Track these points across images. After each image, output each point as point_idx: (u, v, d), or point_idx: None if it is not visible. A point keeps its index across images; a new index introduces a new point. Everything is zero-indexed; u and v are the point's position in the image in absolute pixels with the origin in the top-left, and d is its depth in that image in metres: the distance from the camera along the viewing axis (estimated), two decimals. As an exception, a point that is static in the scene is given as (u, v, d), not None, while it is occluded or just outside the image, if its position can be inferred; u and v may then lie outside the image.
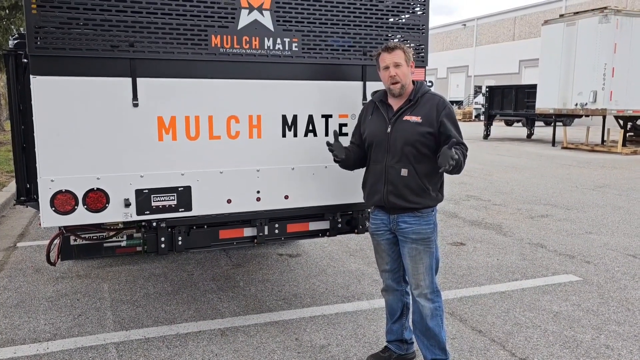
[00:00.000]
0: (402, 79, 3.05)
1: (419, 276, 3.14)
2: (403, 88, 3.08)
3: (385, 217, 3.20)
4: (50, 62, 3.06)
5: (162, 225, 3.49)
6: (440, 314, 3.20)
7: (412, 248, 3.12)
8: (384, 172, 3.11)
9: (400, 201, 3.08)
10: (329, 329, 3.98)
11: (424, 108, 3.06)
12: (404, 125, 3.06)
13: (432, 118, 3.03)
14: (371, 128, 3.21)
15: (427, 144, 3.04)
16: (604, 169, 13.08)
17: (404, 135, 3.04)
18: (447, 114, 3.05)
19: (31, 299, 4.53)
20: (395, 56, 3.05)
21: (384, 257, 3.32)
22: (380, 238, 3.27)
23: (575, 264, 5.57)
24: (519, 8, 43.29)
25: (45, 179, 3.15)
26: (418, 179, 3.05)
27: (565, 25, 17.43)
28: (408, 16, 3.91)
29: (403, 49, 3.07)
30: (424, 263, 3.12)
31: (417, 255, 3.12)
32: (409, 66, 3.08)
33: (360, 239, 6.35)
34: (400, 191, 3.07)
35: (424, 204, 3.09)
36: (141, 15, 3.20)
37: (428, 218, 3.12)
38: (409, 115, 3.07)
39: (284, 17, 3.53)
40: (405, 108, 3.09)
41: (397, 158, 3.07)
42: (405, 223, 3.11)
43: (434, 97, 3.11)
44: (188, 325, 4.02)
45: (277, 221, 3.86)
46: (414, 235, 3.10)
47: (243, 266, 5.43)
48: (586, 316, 4.24)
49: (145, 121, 3.31)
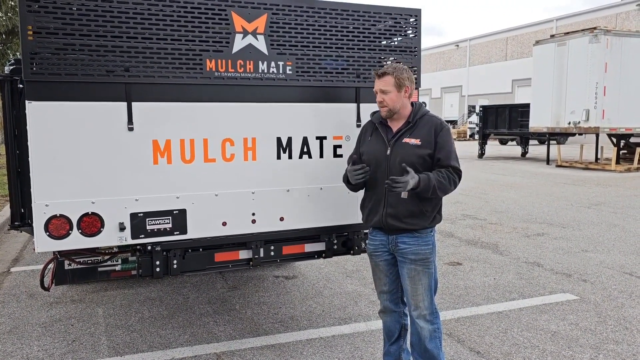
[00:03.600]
0: (389, 104, 3.09)
1: (418, 297, 3.13)
2: (390, 112, 3.11)
3: (384, 237, 3.20)
4: (46, 87, 3.08)
5: (157, 248, 3.47)
6: (439, 335, 3.19)
7: (411, 269, 3.12)
8: (384, 195, 3.11)
9: (398, 223, 3.09)
10: (326, 351, 3.94)
11: (423, 130, 3.08)
12: (404, 148, 3.07)
13: (430, 140, 3.05)
14: (370, 149, 3.21)
15: (427, 166, 3.06)
16: (598, 187, 13.14)
17: (403, 158, 3.04)
18: (444, 136, 3.08)
19: (25, 324, 4.48)
20: (382, 82, 3.09)
21: (382, 278, 3.30)
22: (379, 259, 3.26)
23: (572, 283, 5.56)
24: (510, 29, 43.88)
25: (40, 204, 3.14)
26: (418, 201, 3.05)
27: (556, 45, 17.67)
28: (400, 39, 3.96)
29: (394, 74, 3.07)
30: (423, 284, 3.12)
31: (415, 275, 3.11)
32: (400, 91, 3.08)
33: (356, 260, 6.33)
34: (399, 213, 3.08)
35: (421, 225, 3.09)
36: (136, 40, 3.23)
37: (427, 238, 3.12)
38: (408, 138, 3.08)
39: (278, 41, 3.58)
40: (404, 130, 3.11)
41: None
42: (404, 244, 3.11)
43: (432, 119, 3.13)
44: (183, 349, 3.98)
45: (273, 243, 3.85)
46: (413, 256, 3.10)
47: (239, 289, 5.39)
48: (584, 335, 4.22)
49: (141, 145, 3.32)
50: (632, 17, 34.18)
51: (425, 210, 3.08)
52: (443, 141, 3.06)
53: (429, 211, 3.10)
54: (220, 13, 3.41)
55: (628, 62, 16.63)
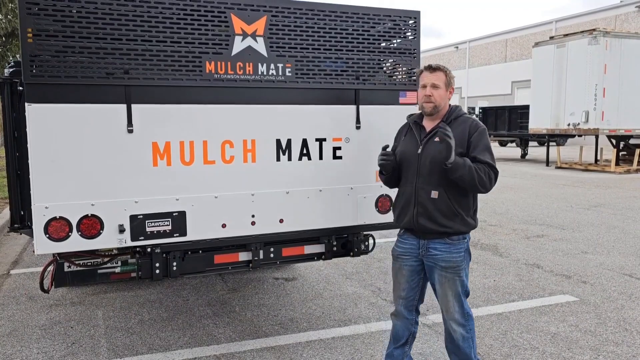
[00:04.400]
0: (437, 100, 3.04)
1: (448, 303, 3.10)
2: (435, 109, 3.06)
3: (415, 242, 3.13)
4: (46, 89, 3.09)
5: (156, 250, 3.48)
6: (472, 335, 3.17)
7: (441, 275, 3.06)
8: (414, 194, 3.07)
9: (430, 224, 3.02)
10: (326, 353, 3.94)
11: (457, 130, 3.02)
12: (435, 147, 3.00)
13: (463, 140, 3.01)
14: (403, 149, 3.20)
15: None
16: (598, 188, 13.14)
17: (435, 157, 2.99)
18: (478, 135, 3.02)
19: (24, 327, 4.48)
20: (435, 77, 3.04)
21: (402, 282, 3.23)
22: (404, 263, 3.19)
23: (572, 284, 5.56)
24: (509, 30, 43.92)
25: (40, 206, 3.14)
26: (449, 201, 2.99)
27: (555, 47, 17.70)
28: (400, 41, 3.97)
29: (445, 72, 3.06)
30: (452, 290, 3.07)
31: (445, 282, 3.07)
32: (447, 90, 3.07)
33: (356, 261, 6.34)
34: (430, 213, 3.01)
35: (455, 229, 3.02)
36: (136, 42, 3.24)
37: (459, 246, 3.05)
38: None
39: (277, 43, 3.59)
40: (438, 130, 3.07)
41: (427, 179, 3.03)
42: (435, 250, 3.06)
43: (467, 120, 3.08)
44: (183, 352, 3.97)
45: (272, 245, 3.85)
46: (444, 264, 3.04)
47: (239, 291, 5.39)
48: (584, 337, 4.22)
49: (140, 147, 3.33)
50: (631, 19, 34.23)
51: (457, 211, 3.01)
52: (477, 140, 3.01)
53: (462, 213, 3.02)
54: (219, 15, 3.42)
55: (627, 64, 16.65)
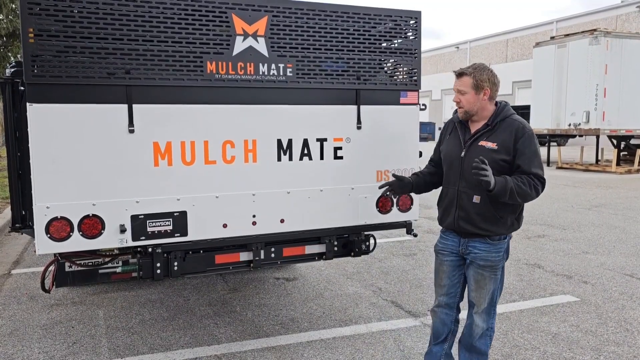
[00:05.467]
0: (465, 106, 2.99)
1: (480, 299, 3.11)
2: (467, 114, 3.02)
3: (456, 240, 3.14)
4: (47, 89, 3.09)
5: (157, 250, 3.48)
6: (490, 334, 3.19)
7: (478, 273, 3.07)
8: (456, 197, 3.06)
9: (470, 227, 3.02)
10: (327, 353, 3.94)
11: (502, 134, 2.94)
12: (479, 151, 2.95)
13: (508, 145, 2.92)
14: (447, 149, 3.17)
15: (502, 171, 2.92)
16: (599, 189, 13.13)
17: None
18: (524, 141, 2.91)
19: (25, 326, 4.48)
20: (459, 82, 3.00)
21: (443, 278, 3.24)
22: (445, 258, 3.21)
23: (573, 284, 5.56)
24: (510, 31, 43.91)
25: (41, 206, 3.15)
26: (491, 206, 2.95)
27: (556, 47, 17.69)
28: (401, 41, 3.97)
29: (472, 75, 2.95)
30: (487, 288, 3.08)
31: (481, 280, 3.07)
32: (479, 93, 2.96)
33: (357, 262, 6.34)
34: (471, 217, 3.00)
35: (495, 232, 2.99)
36: (137, 42, 3.24)
37: (499, 246, 3.04)
38: (484, 141, 2.98)
39: (279, 44, 3.59)
40: (481, 133, 3.01)
41: (470, 184, 2.98)
42: (475, 248, 3.05)
43: (513, 123, 2.96)
44: (184, 351, 3.98)
45: (273, 245, 3.85)
46: (482, 262, 3.04)
47: (240, 291, 5.39)
48: (585, 337, 4.21)
49: (141, 147, 3.33)
50: (632, 19, 34.21)
51: (500, 215, 2.96)
52: (524, 147, 2.90)
53: (504, 217, 2.97)
54: (220, 15, 3.42)
55: (628, 64, 16.64)
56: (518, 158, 2.91)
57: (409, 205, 4.12)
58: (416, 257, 6.73)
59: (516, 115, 3.05)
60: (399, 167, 4.05)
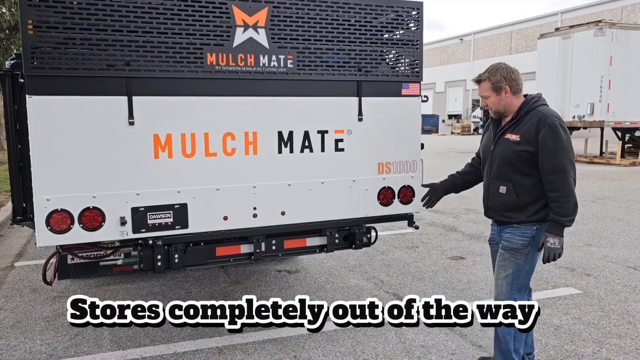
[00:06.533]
0: (492, 107, 3.14)
1: (498, 281, 3.23)
2: (497, 113, 3.17)
3: (496, 229, 3.35)
4: (46, 81, 3.08)
5: (158, 243, 3.48)
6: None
7: (501, 253, 3.21)
8: (487, 188, 3.27)
9: (497, 216, 3.24)
10: (328, 346, 3.94)
11: (525, 126, 3.02)
12: (504, 143, 3.11)
13: (530, 137, 2.98)
14: (483, 144, 3.37)
15: (527, 162, 3.02)
16: (603, 181, 13.08)
17: (503, 154, 3.10)
18: (544, 133, 2.93)
19: (28, 319, 4.50)
20: (480, 89, 3.16)
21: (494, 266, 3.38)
22: (493, 248, 3.43)
23: (576, 277, 5.54)
24: (515, 22, 43.66)
25: (41, 198, 3.14)
26: (516, 197, 3.08)
27: (561, 38, 17.57)
28: (402, 32, 3.94)
29: (488, 79, 3.08)
30: (506, 271, 3.17)
31: (502, 261, 3.19)
32: (500, 93, 3.07)
33: (359, 254, 6.33)
34: (497, 207, 3.20)
35: (519, 220, 3.11)
36: (137, 34, 3.22)
37: (525, 231, 3.11)
38: (510, 134, 3.09)
39: (279, 35, 3.56)
40: (508, 126, 3.12)
41: (497, 175, 3.16)
42: (505, 233, 3.21)
43: (536, 115, 3.00)
44: (185, 343, 3.98)
45: (274, 237, 3.85)
46: (505, 242, 3.18)
47: (241, 283, 5.40)
48: (587, 330, 4.20)
49: (141, 139, 3.32)
50: (637, 10, 33.94)
51: (523, 203, 3.07)
52: (543, 141, 2.93)
53: (528, 205, 3.07)
54: (220, 6, 3.40)
55: (633, 56, 16.53)
56: (539, 154, 2.97)
57: (410, 198, 4.10)
58: (418, 249, 6.73)
59: (544, 106, 3.07)
60: (400, 159, 4.03)
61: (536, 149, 2.97)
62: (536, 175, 3.02)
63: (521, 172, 3.05)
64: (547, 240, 2.98)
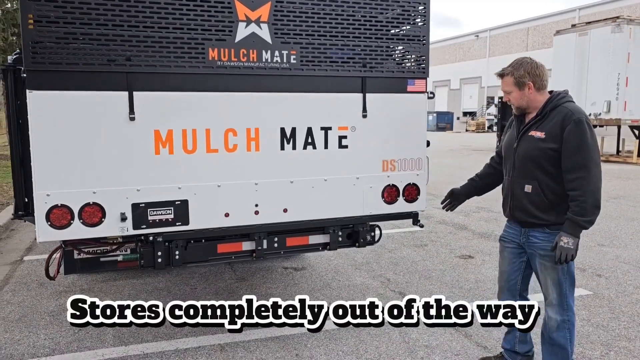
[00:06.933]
0: (514, 103, 3.05)
1: (547, 289, 3.12)
2: (520, 109, 3.06)
3: (517, 229, 3.19)
4: (47, 76, 3.07)
5: (158, 239, 3.46)
6: (568, 327, 3.14)
7: (540, 263, 3.09)
8: (510, 187, 3.14)
9: (524, 216, 3.06)
10: (330, 344, 3.91)
11: (551, 122, 2.92)
12: (529, 140, 3.00)
13: (555, 134, 2.88)
14: (505, 141, 3.24)
15: (552, 160, 2.92)
16: (619, 180, 12.86)
17: (527, 151, 3.00)
18: (570, 130, 2.82)
19: (33, 313, 4.52)
20: (503, 84, 3.06)
21: (504, 265, 3.33)
22: (505, 246, 3.30)
23: (586, 278, 5.44)
24: (531, 19, 43.12)
25: (41, 194, 3.14)
26: (543, 195, 2.97)
27: (577, 35, 17.29)
28: (409, 27, 3.87)
29: (512, 74, 2.99)
30: (551, 277, 3.07)
31: (545, 270, 3.08)
32: (523, 89, 2.97)
33: (366, 252, 6.28)
34: (524, 207, 3.04)
35: (552, 221, 2.98)
36: (138, 29, 3.20)
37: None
38: (534, 131, 2.99)
39: (282, 30, 3.52)
40: (532, 123, 3.02)
41: (521, 173, 3.05)
42: (535, 238, 3.07)
43: (563, 110, 2.89)
44: (187, 340, 3.97)
45: (276, 235, 3.82)
46: (542, 252, 3.04)
47: (247, 280, 5.38)
48: (596, 331, 4.11)
49: (142, 135, 3.30)
50: (657, 6, 33.30)
51: (553, 203, 2.95)
52: (569, 135, 2.82)
53: (558, 204, 2.95)
54: (223, 1, 3.36)
55: (652, 53, 16.21)
56: (563, 150, 2.85)
57: (415, 196, 4.04)
58: (427, 248, 6.65)
59: (571, 103, 2.97)
60: (405, 156, 3.98)
61: (561, 146, 2.87)
62: (561, 174, 2.92)
63: (546, 171, 2.94)
64: (560, 239, 2.86)
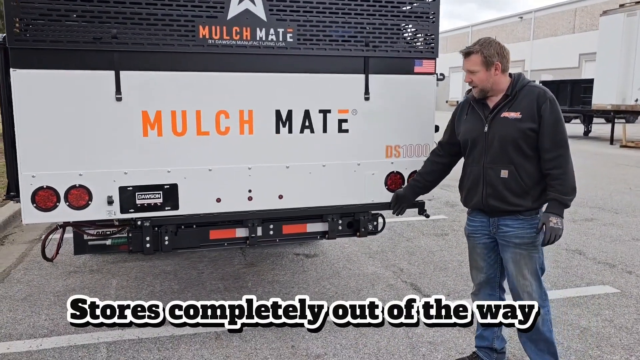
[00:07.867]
0: (479, 84, 2.88)
1: (526, 282, 2.94)
2: (483, 92, 2.91)
3: (484, 219, 3.04)
4: (30, 54, 3.00)
5: (146, 224, 3.37)
6: (550, 317, 3.00)
7: (516, 253, 2.93)
8: (482, 174, 2.94)
9: (500, 204, 2.90)
10: (329, 336, 3.76)
11: (523, 101, 2.83)
12: (503, 123, 2.85)
13: (532, 112, 2.79)
14: (467, 128, 3.04)
15: (530, 140, 2.81)
16: (664, 170, 12.16)
17: (503, 133, 2.84)
18: (546, 108, 2.77)
19: (39, 292, 4.55)
20: (469, 62, 2.88)
21: (478, 261, 3.15)
22: (477, 241, 3.11)
23: (615, 274, 5.09)
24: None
25: (26, 175, 3.09)
26: (520, 180, 2.85)
27: (625, 15, 16.35)
28: (416, 4, 3.61)
29: (480, 52, 2.83)
30: (529, 268, 2.92)
31: (521, 260, 2.93)
32: (490, 69, 2.83)
33: (383, 239, 6.10)
34: (500, 193, 2.89)
35: (526, 206, 2.87)
36: (124, 5, 3.08)
37: (532, 221, 2.90)
38: (507, 112, 2.85)
39: (278, 6, 3.34)
40: (503, 104, 2.88)
41: (496, 158, 2.89)
42: (507, 227, 2.93)
43: (533, 90, 2.84)
44: (184, 327, 3.89)
45: (272, 222, 3.67)
46: (517, 240, 2.91)
47: (256, 265, 5.28)
48: (617, 334, 3.82)
49: (129, 116, 3.20)
50: None
51: (530, 188, 2.85)
52: (546, 113, 2.77)
53: (533, 189, 2.86)
54: (214, -25, 3.19)
55: None
56: (541, 128, 2.78)
57: (422, 184, 3.81)
58: (447, 237, 6.40)
59: (534, 83, 2.90)
60: (411, 142, 3.75)
61: (538, 125, 2.78)
62: (536, 156, 2.84)
63: (524, 154, 2.83)
64: (549, 220, 2.75)
